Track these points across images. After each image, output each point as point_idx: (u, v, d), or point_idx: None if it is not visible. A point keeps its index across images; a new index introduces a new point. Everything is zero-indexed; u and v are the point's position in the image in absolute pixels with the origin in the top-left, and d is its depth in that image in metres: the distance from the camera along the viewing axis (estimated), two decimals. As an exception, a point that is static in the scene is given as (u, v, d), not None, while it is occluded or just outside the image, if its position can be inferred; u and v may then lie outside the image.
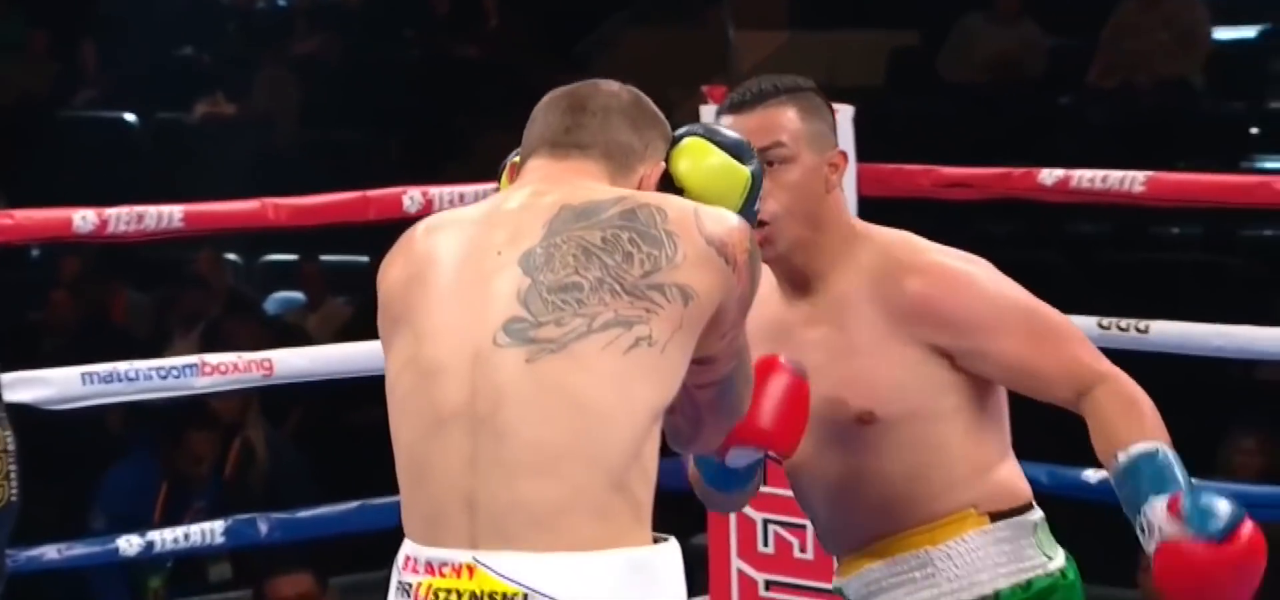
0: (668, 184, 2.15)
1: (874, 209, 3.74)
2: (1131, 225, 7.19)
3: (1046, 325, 2.43)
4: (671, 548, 1.98)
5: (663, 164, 2.14)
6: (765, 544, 3.75)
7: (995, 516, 2.45)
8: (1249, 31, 8.66)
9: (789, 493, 3.84)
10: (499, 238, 2.04)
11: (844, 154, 2.51)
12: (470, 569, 1.92)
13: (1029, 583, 2.44)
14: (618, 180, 2.11)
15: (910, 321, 2.42)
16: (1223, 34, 8.38)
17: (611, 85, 2.18)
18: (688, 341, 2.00)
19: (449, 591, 1.93)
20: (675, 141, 2.19)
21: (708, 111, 3.71)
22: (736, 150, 2.20)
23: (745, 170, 2.19)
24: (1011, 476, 2.49)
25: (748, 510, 3.75)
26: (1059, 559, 2.49)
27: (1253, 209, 3.87)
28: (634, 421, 1.95)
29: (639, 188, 2.11)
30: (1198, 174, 3.60)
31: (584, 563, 1.90)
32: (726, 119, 2.48)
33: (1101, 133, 7.39)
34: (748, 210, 2.18)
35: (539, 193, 2.08)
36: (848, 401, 2.42)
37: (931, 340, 2.41)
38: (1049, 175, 3.48)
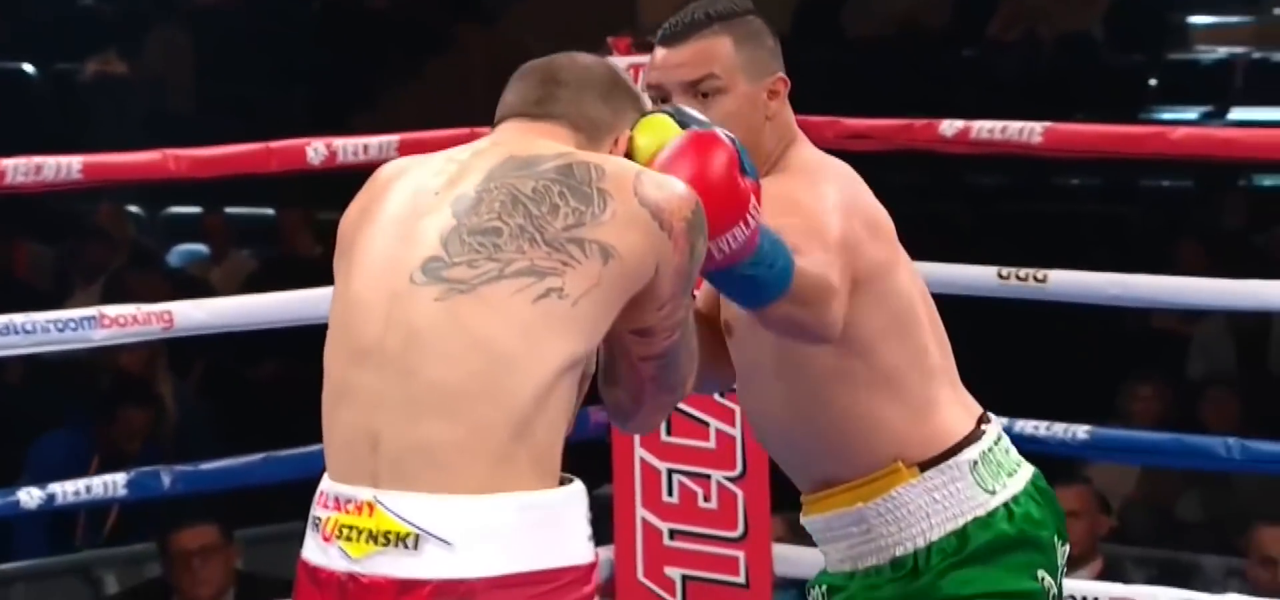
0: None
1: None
2: (1032, 176, 7.26)
3: (796, 230, 2.26)
4: (573, 492, 1.98)
5: (629, 133, 2.13)
6: (670, 494, 3.78)
7: (925, 465, 2.38)
8: (1145, -17, 8.76)
9: (694, 443, 3.89)
10: (440, 181, 2.05)
11: (784, 79, 2.43)
12: (371, 507, 1.94)
13: (963, 529, 2.38)
14: (586, 146, 2.10)
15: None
16: (1119, -15, 8.48)
17: (587, 58, 2.18)
18: (607, 301, 1.99)
19: (351, 528, 1.95)
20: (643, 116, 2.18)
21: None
22: (682, 119, 2.18)
23: (676, 130, 2.16)
24: (934, 416, 2.40)
25: (652, 460, 3.77)
26: (1008, 487, 2.41)
27: (1150, 160, 3.92)
28: (540, 370, 1.95)
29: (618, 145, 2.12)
30: (1095, 125, 3.64)
31: (478, 505, 1.91)
32: (659, 51, 2.42)
33: (1004, 85, 7.46)
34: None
35: (496, 143, 2.10)
36: (755, 336, 2.36)
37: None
38: (949, 127, 3.51)
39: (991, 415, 2.47)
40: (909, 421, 2.39)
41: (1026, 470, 2.45)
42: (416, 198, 2.05)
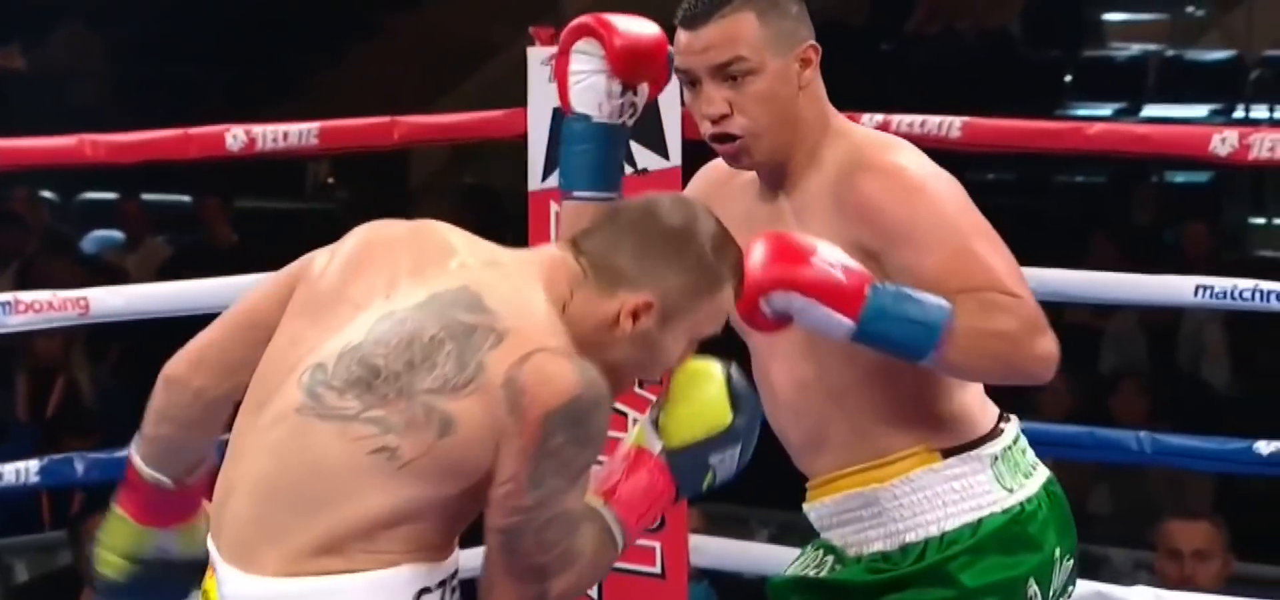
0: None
1: (699, 153, 3.78)
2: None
3: (977, 251, 2.25)
4: (376, 577, 2.05)
5: (652, 301, 2.10)
6: (588, 483, 3.78)
7: (948, 452, 2.33)
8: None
9: (613, 433, 3.88)
10: (396, 274, 2.12)
11: (815, 46, 2.35)
12: (213, 570, 2.12)
13: (979, 522, 2.32)
14: (591, 297, 2.10)
15: (855, 222, 2.28)
16: (1036, -20, 8.56)
17: (661, 205, 2.15)
18: (439, 470, 2.04)
19: (205, 592, 2.15)
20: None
21: (535, 53, 3.71)
22: (737, 396, 2.16)
23: (727, 417, 2.16)
24: (969, 406, 2.35)
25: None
26: (1025, 489, 2.36)
27: (1065, 155, 3.96)
28: (355, 512, 2.05)
29: (617, 315, 2.09)
30: (1014, 120, 3.67)
31: (272, 585, 2.06)
32: (681, 34, 2.34)
33: (923, 79, 7.51)
34: (709, 452, 2.17)
35: (486, 264, 2.12)
36: None
37: (867, 245, 2.26)
38: (870, 120, 3.53)
39: (1011, 416, 2.42)
40: (937, 408, 2.34)
41: (1042, 474, 2.40)
42: (368, 283, 2.12)
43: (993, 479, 2.34)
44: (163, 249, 7.74)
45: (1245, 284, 3.32)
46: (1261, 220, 7.88)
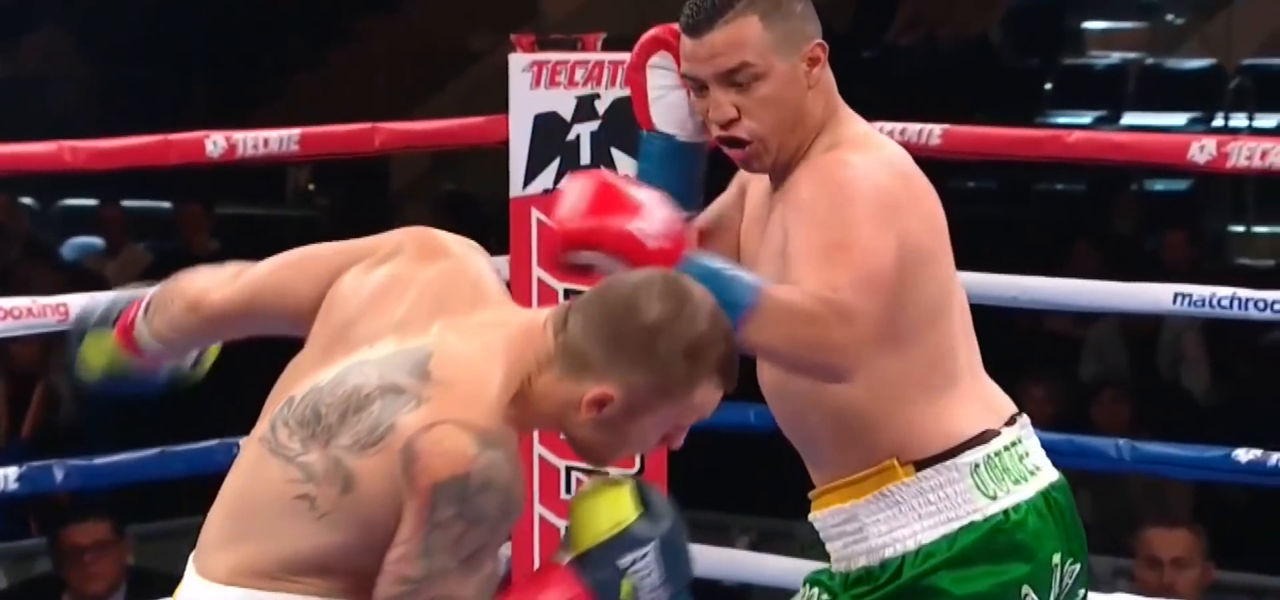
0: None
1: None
2: (929, 177, 7.33)
3: (839, 253, 2.20)
4: None
5: (614, 395, 2.03)
6: (567, 491, 3.78)
7: (921, 464, 2.29)
8: (1043, -17, 8.88)
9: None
10: (406, 318, 2.11)
11: (822, 44, 2.32)
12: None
13: (956, 533, 2.28)
14: (556, 380, 2.05)
15: (788, 209, 2.27)
16: (1018, -13, 8.59)
17: (646, 295, 2.04)
18: (346, 525, 2.05)
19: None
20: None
21: (516, 59, 3.71)
22: (644, 499, 2.06)
23: (630, 513, 2.04)
24: (944, 415, 2.30)
25: (551, 457, 3.77)
26: (1013, 495, 2.30)
27: (1045, 162, 3.97)
28: (285, 549, 2.08)
29: (582, 402, 2.03)
30: (993, 128, 3.68)
31: (213, 591, 2.11)
32: (686, 41, 2.30)
33: (903, 86, 7.53)
34: (616, 555, 2.05)
35: (477, 324, 2.09)
36: None
37: (787, 223, 2.25)
38: (850, 128, 3.53)
39: (1023, 420, 2.37)
40: (911, 420, 2.29)
41: (1040, 480, 2.33)
42: (378, 326, 2.12)
43: (972, 488, 2.29)
44: (143, 255, 7.72)
45: (1224, 292, 3.33)
46: (1241, 228, 7.90)
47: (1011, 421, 2.35)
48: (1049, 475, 2.36)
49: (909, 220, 2.26)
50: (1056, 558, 2.33)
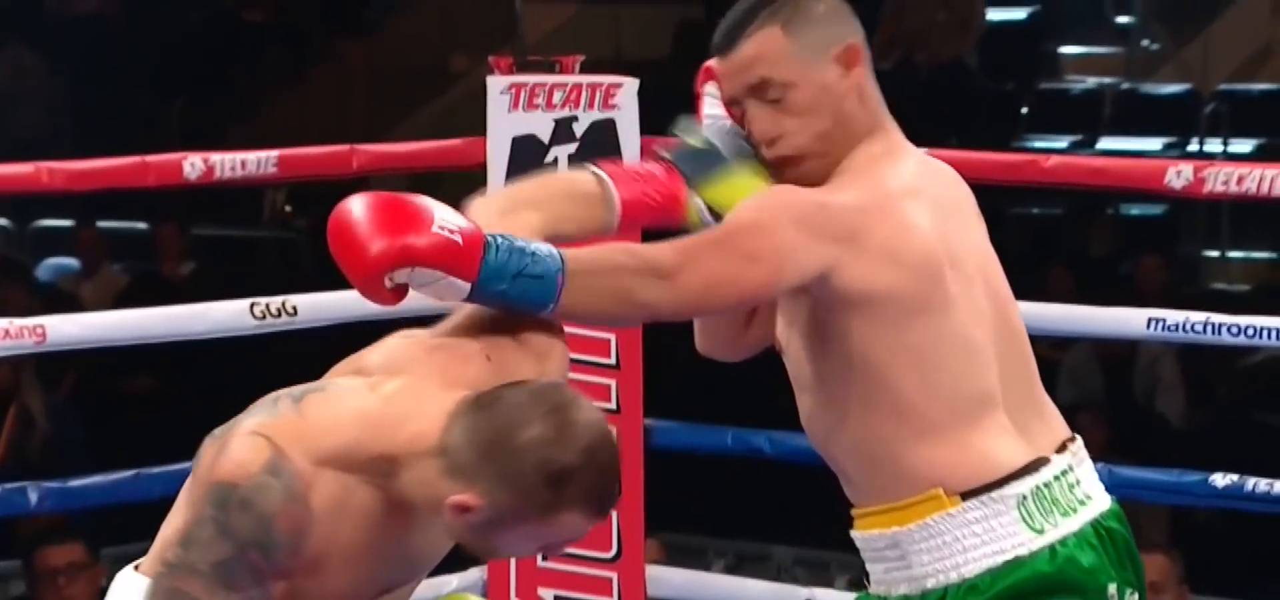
0: None
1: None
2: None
3: (722, 231, 2.18)
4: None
5: (478, 504, 2.02)
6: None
7: (968, 495, 2.22)
8: (1019, 13, 8.91)
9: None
10: (358, 366, 2.17)
11: (852, 46, 2.26)
12: None
13: (1002, 567, 2.22)
14: (430, 471, 2.04)
15: None
16: (995, 15, 8.62)
17: (530, 410, 2.03)
18: (188, 506, 2.10)
19: None
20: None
21: (495, 82, 3.72)
22: None
23: None
24: (989, 445, 2.23)
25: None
26: (1061, 528, 2.24)
27: (1021, 186, 3.98)
28: (168, 532, 2.14)
29: (451, 505, 2.02)
30: (970, 151, 3.69)
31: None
32: (717, 65, 2.28)
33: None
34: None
35: (411, 388, 2.10)
36: (791, 351, 2.28)
37: None
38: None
39: (1076, 446, 2.32)
40: (946, 450, 2.23)
41: (1089, 510, 2.28)
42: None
43: (1019, 520, 2.23)
44: (119, 277, 7.70)
45: (1199, 317, 3.34)
46: (1216, 253, 7.93)
47: (1063, 448, 2.30)
48: (1101, 504, 2.30)
49: (852, 254, 2.19)
50: (1112, 588, 2.27)
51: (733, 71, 2.26)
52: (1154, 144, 7.98)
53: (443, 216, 2.10)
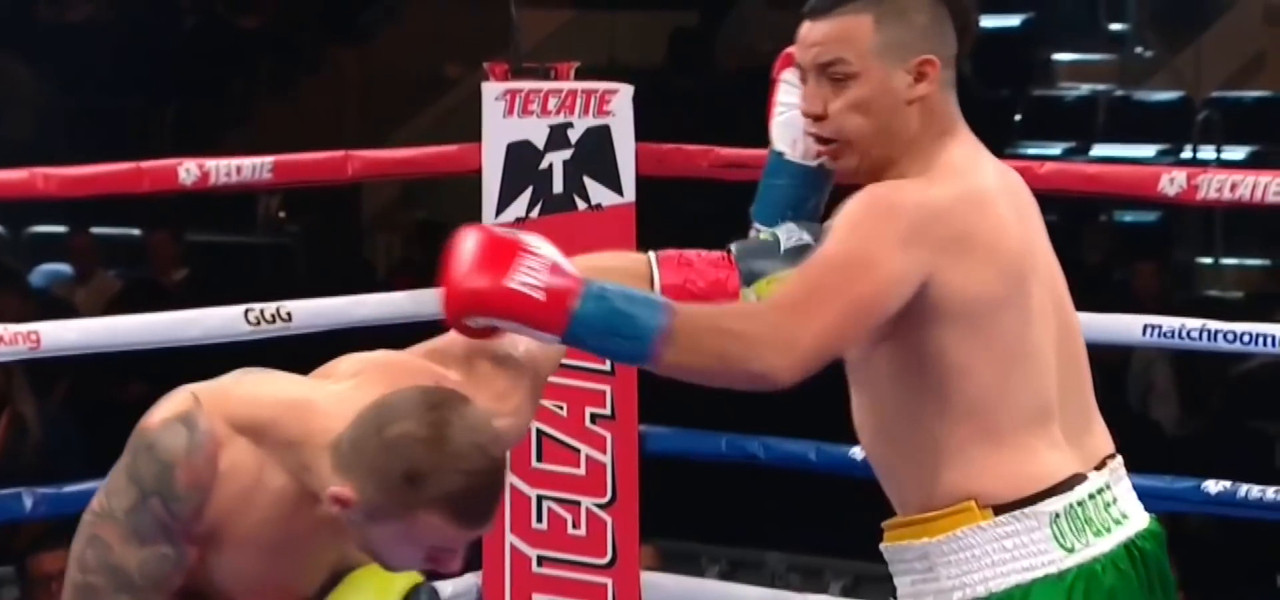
0: None
1: (652, 188, 3.79)
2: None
3: (816, 268, 2.15)
4: None
5: (352, 498, 2.02)
6: (539, 520, 3.78)
7: (1001, 508, 2.19)
8: (1013, 20, 8.92)
9: (564, 469, 3.89)
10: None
11: (932, 60, 2.22)
12: None
13: (1029, 584, 2.18)
14: (326, 467, 2.05)
15: None
16: (989, 22, 8.62)
17: (401, 408, 2.04)
18: None
19: None
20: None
21: (490, 88, 3.72)
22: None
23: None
24: (1027, 459, 2.20)
25: (522, 486, 3.77)
26: (1093, 548, 2.21)
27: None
28: None
29: (331, 494, 2.03)
30: (964, 159, 3.69)
31: None
32: (803, 24, 2.24)
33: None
34: None
35: (347, 389, 2.13)
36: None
37: None
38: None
39: (1115, 463, 2.29)
40: (992, 460, 2.20)
41: (1124, 530, 2.25)
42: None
43: (1050, 537, 2.20)
44: (112, 282, 7.69)
45: (1193, 323, 3.34)
46: (1209, 260, 7.93)
47: (1102, 465, 2.27)
48: (1137, 523, 2.27)
49: (946, 262, 2.16)
50: None
51: (810, 40, 2.23)
52: (1147, 151, 7.99)
53: (528, 270, 2.10)
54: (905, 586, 2.28)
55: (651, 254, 2.34)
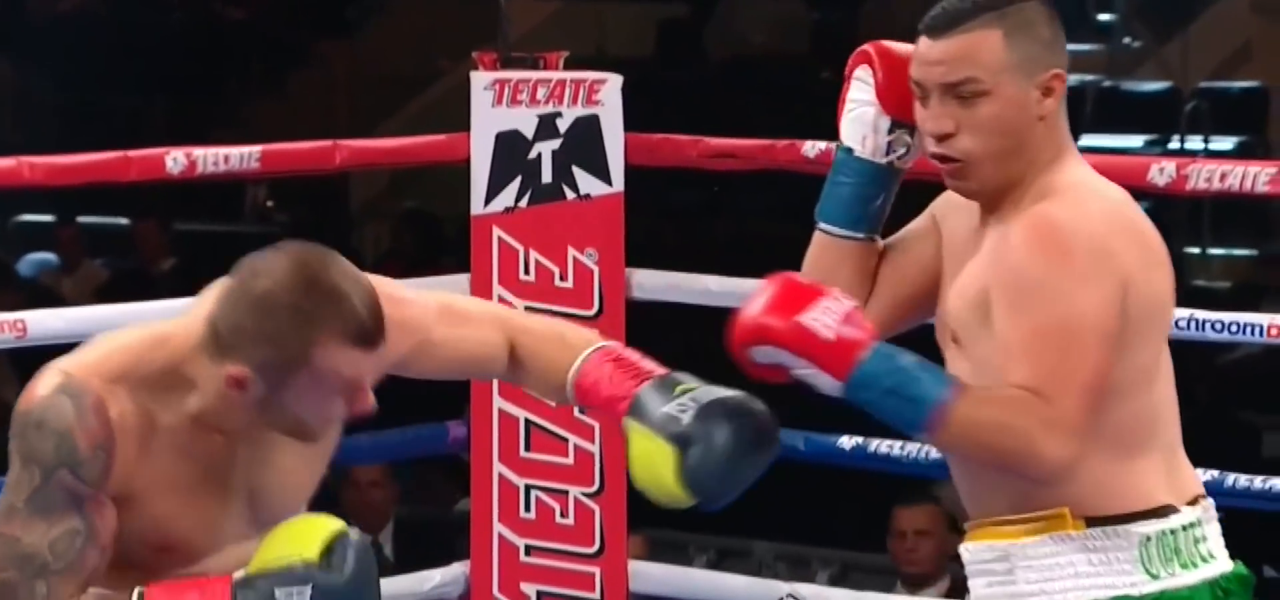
0: None
1: (642, 177, 3.79)
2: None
3: (1054, 339, 2.10)
4: None
5: (247, 373, 2.02)
6: (527, 509, 3.78)
7: (1093, 521, 2.16)
8: (1002, 11, 8.91)
9: (553, 458, 3.89)
10: None
11: (1060, 74, 2.17)
12: None
13: None
14: (207, 363, 2.05)
15: (993, 263, 2.16)
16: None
17: (262, 265, 2.04)
18: None
19: None
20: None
21: (479, 78, 3.72)
22: (332, 548, 2.05)
23: (309, 553, 2.04)
24: (1128, 478, 2.17)
25: (511, 475, 3.77)
26: (1177, 579, 2.18)
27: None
28: None
29: (226, 380, 2.03)
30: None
31: None
32: (921, 41, 2.19)
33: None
34: (274, 584, 2.04)
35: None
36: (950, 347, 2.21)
37: (990, 288, 2.15)
38: (811, 147, 3.55)
39: (1207, 504, 2.26)
40: (1096, 473, 2.17)
41: (1211, 569, 2.22)
42: None
43: (1137, 559, 2.17)
44: (99, 272, 7.68)
45: (1182, 313, 3.35)
46: (1197, 250, 7.95)
47: (1194, 502, 2.25)
48: (1223, 565, 2.25)
49: (1134, 272, 2.15)
50: None
51: (935, 58, 2.18)
52: (1135, 141, 8.00)
53: (824, 310, 2.12)
54: (979, 588, 2.24)
55: (597, 345, 2.23)
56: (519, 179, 3.70)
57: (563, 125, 3.68)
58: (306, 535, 2.06)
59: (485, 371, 2.28)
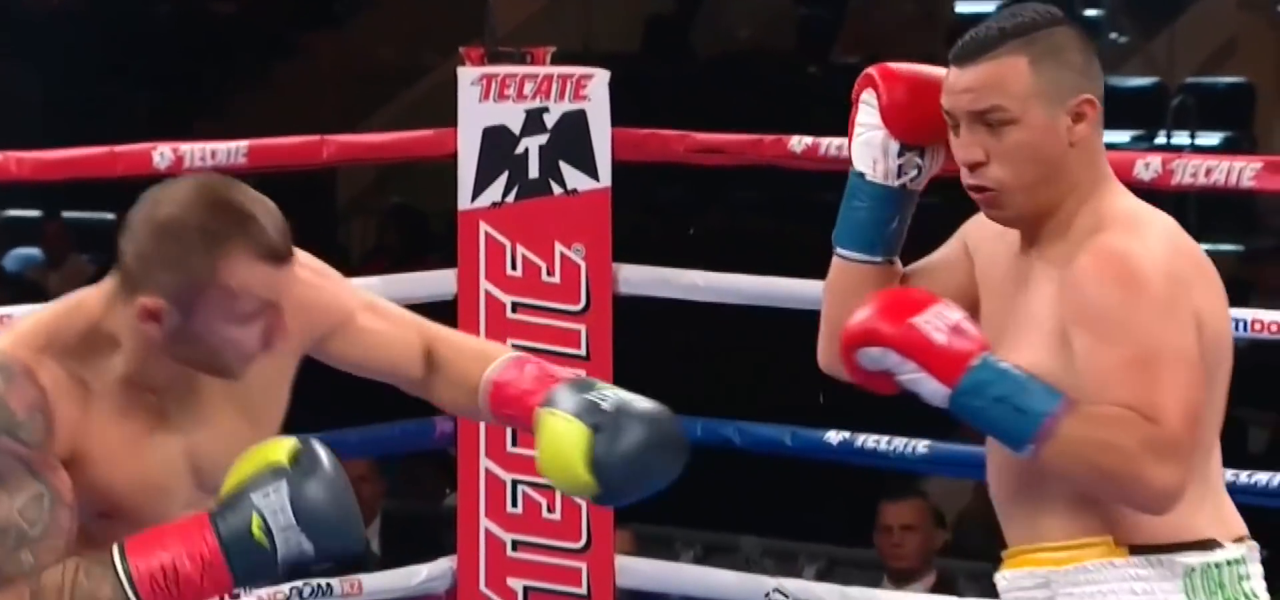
0: None
1: (629, 173, 3.79)
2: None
3: (1152, 366, 2.09)
4: None
5: (159, 303, 2.03)
6: (514, 504, 3.78)
7: (1137, 549, 2.15)
8: (988, 6, 8.93)
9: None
10: None
11: (1092, 100, 2.17)
12: None
13: None
14: (121, 303, 2.06)
15: (1064, 300, 2.13)
16: (963, 8, 8.64)
17: (163, 192, 2.07)
18: None
19: None
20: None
21: (466, 73, 3.71)
22: (298, 451, 2.04)
23: (277, 457, 2.04)
24: (1182, 511, 2.14)
25: (497, 470, 3.77)
26: None
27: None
28: None
29: (139, 313, 2.04)
30: (939, 145, 3.69)
31: None
32: (950, 70, 2.19)
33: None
34: (250, 489, 2.04)
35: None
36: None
37: (1066, 323, 2.13)
38: (798, 143, 3.55)
39: (1253, 545, 2.23)
40: None
41: None
42: None
43: (1181, 590, 2.16)
44: (86, 267, 7.67)
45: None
46: (1182, 246, 7.96)
47: (1240, 540, 2.23)
48: None
49: (1203, 307, 2.16)
50: None
51: (963, 86, 2.18)
52: (1121, 137, 8.01)
53: (936, 316, 2.12)
54: None
55: (513, 354, 2.26)
56: (506, 174, 3.70)
57: (550, 120, 3.69)
58: (271, 450, 2.06)
59: (400, 372, 2.27)
